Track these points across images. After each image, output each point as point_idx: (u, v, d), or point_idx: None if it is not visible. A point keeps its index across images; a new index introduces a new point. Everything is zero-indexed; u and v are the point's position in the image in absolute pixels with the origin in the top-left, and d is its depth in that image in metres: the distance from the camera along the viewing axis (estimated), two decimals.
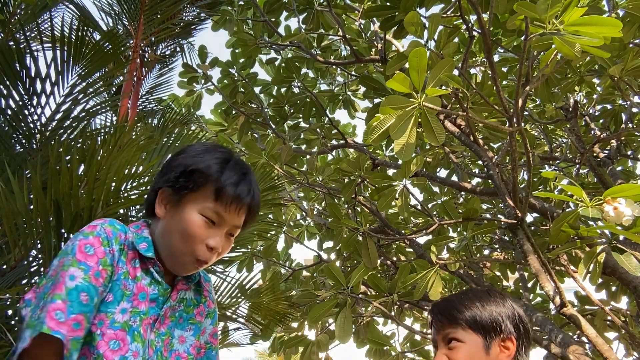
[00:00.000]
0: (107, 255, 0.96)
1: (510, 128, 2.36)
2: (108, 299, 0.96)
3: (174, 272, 1.07)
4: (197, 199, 1.03)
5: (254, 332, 4.11)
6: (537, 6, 1.92)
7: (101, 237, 0.97)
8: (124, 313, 0.97)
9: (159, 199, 1.07)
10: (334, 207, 3.59)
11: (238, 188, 1.04)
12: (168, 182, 1.06)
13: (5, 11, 2.79)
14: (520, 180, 4.89)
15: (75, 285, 0.91)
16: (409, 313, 5.41)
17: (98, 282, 0.94)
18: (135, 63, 3.35)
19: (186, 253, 1.02)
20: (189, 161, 1.06)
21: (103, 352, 0.93)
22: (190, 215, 1.02)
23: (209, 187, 1.03)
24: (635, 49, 3.20)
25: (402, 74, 1.97)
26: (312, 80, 5.50)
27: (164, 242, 1.05)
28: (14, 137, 2.60)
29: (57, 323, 0.86)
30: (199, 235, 1.02)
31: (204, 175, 1.03)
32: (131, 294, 0.99)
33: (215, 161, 1.05)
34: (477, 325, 1.16)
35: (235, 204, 1.04)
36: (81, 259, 0.93)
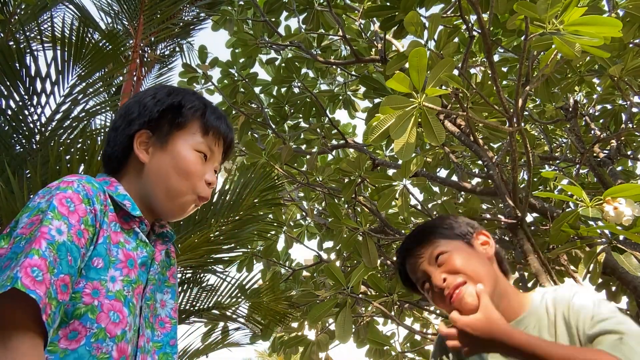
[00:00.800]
0: (89, 215, 0.84)
1: (510, 128, 2.36)
2: (98, 265, 0.84)
3: (171, 216, 1.01)
4: (185, 135, 1.00)
5: (254, 332, 4.11)
6: (537, 6, 1.92)
7: (81, 194, 0.84)
8: (114, 282, 0.85)
9: (137, 144, 0.99)
10: (334, 207, 3.59)
11: (222, 124, 1.04)
12: (149, 123, 0.99)
13: (5, 11, 2.79)
14: (520, 180, 4.89)
15: (63, 241, 0.78)
16: (409, 313, 5.41)
17: (80, 242, 0.81)
18: (135, 63, 3.35)
19: (187, 192, 0.98)
20: (171, 99, 1.02)
21: (105, 326, 0.81)
22: (185, 151, 0.98)
23: (196, 123, 1.01)
24: (635, 49, 3.20)
25: (402, 74, 1.97)
26: (312, 80, 5.50)
27: (158, 187, 0.97)
28: (14, 137, 2.60)
29: (32, 281, 0.71)
30: (198, 171, 0.99)
31: (192, 109, 1.01)
32: (117, 261, 0.87)
33: (196, 98, 1.04)
34: (452, 234, 1.18)
35: (222, 139, 1.04)
36: (64, 212, 0.80)
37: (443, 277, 1.11)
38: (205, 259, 2.91)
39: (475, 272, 1.11)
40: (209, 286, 3.29)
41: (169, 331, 0.98)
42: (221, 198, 2.97)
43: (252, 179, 3.04)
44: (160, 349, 0.95)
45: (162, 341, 0.96)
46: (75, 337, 0.79)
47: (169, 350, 0.96)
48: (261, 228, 3.35)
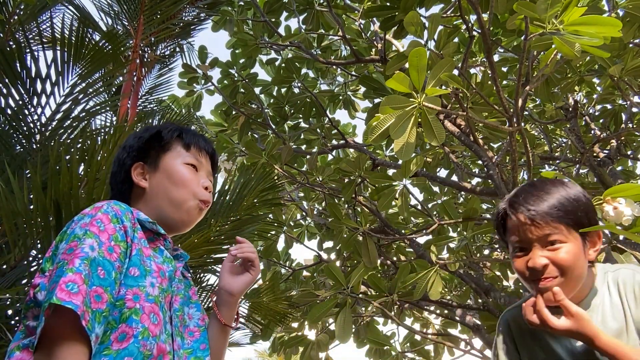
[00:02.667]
0: (118, 232, 0.94)
1: (510, 128, 2.36)
2: (135, 274, 0.94)
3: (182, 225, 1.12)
4: (171, 155, 1.14)
5: (254, 332, 4.12)
6: (537, 6, 1.92)
7: (109, 215, 0.95)
8: (153, 287, 0.95)
9: (135, 175, 1.13)
10: (334, 207, 3.59)
11: (199, 139, 1.18)
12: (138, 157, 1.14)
13: (5, 11, 2.79)
14: (520, 180, 4.88)
15: (94, 257, 0.88)
16: (409, 313, 5.41)
17: (112, 257, 0.91)
18: (135, 63, 3.35)
19: (189, 197, 1.10)
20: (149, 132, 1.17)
21: (148, 326, 0.91)
22: (176, 167, 1.12)
23: (177, 143, 1.16)
24: (635, 48, 3.20)
25: (402, 74, 1.97)
26: (312, 80, 5.50)
27: (163, 202, 1.10)
28: (14, 137, 2.60)
29: (68, 294, 0.82)
30: (192, 179, 1.12)
31: (170, 132, 1.16)
32: (152, 271, 0.98)
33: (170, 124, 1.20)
34: (577, 226, 1.11)
35: (204, 150, 1.18)
36: (95, 231, 0.91)
37: (545, 262, 1.09)
38: (205, 259, 2.91)
39: (573, 276, 1.09)
40: (209, 286, 3.29)
41: (198, 338, 1.08)
42: (221, 198, 2.97)
43: (252, 179, 3.04)
44: (192, 354, 1.05)
45: (193, 347, 1.06)
46: (125, 338, 0.88)
47: (200, 354, 1.06)
48: (261, 228, 3.35)
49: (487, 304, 3.72)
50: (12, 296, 2.03)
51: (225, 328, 1.17)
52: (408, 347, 4.72)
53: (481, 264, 4.83)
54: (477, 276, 4.22)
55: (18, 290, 2.10)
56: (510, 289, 5.06)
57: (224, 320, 1.16)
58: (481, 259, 4.55)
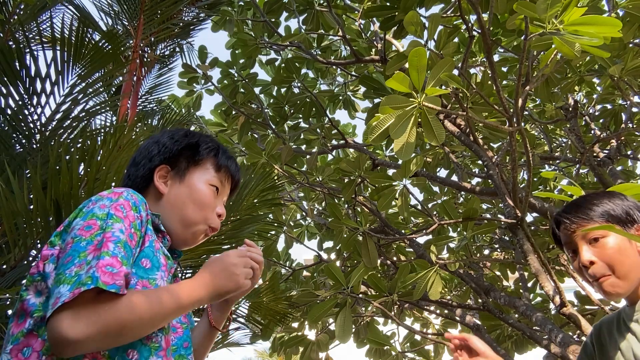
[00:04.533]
0: (137, 220, 0.95)
1: (510, 128, 2.36)
2: (146, 265, 0.95)
3: (183, 243, 1.11)
4: (200, 171, 1.12)
5: (254, 332, 4.11)
6: (537, 6, 1.92)
7: (130, 202, 0.96)
8: (163, 280, 0.96)
9: (157, 177, 1.10)
10: (334, 207, 3.59)
11: (232, 163, 1.18)
12: (168, 159, 1.12)
13: (5, 11, 2.79)
14: (520, 180, 4.89)
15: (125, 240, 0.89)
16: (409, 313, 5.41)
17: (132, 243, 0.91)
18: (134, 63, 3.35)
19: (200, 221, 1.09)
20: (188, 139, 1.14)
21: None
22: (201, 185, 1.10)
23: (210, 160, 1.14)
24: (635, 48, 3.20)
25: (402, 74, 1.97)
26: (312, 80, 5.50)
27: (174, 216, 1.08)
28: (14, 137, 2.60)
29: (111, 276, 0.83)
30: (212, 204, 1.11)
31: (207, 149, 1.14)
32: (160, 265, 0.98)
33: (210, 139, 1.18)
34: (613, 218, 1.19)
35: (231, 176, 1.17)
36: (120, 216, 0.91)
37: (592, 259, 1.16)
38: (205, 259, 2.91)
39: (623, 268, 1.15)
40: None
41: (181, 335, 1.05)
42: None
43: (252, 179, 3.04)
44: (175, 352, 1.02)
45: (176, 344, 1.03)
46: None
47: (184, 352, 1.03)
48: (261, 228, 3.35)
49: (487, 304, 3.72)
50: (12, 296, 2.03)
51: (213, 330, 1.16)
52: (408, 347, 4.72)
53: (481, 264, 4.83)
54: (477, 276, 4.22)
55: (18, 290, 2.10)
56: (510, 289, 5.07)
57: (214, 323, 1.15)
58: (481, 259, 4.55)
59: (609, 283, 1.14)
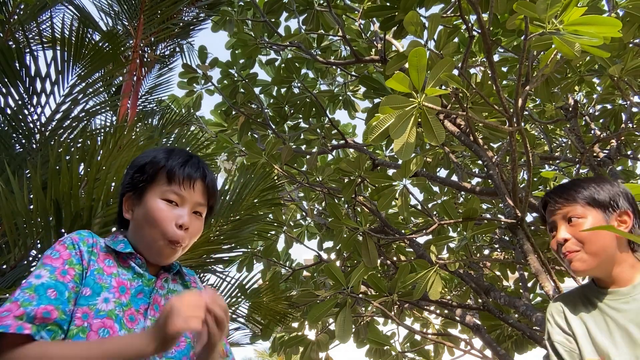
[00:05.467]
0: (74, 257, 1.03)
1: (510, 128, 2.36)
2: (86, 293, 1.01)
3: (155, 262, 1.14)
4: (153, 188, 1.13)
5: (254, 332, 4.11)
6: (537, 6, 1.92)
7: (66, 244, 1.04)
8: (107, 302, 1.02)
9: (124, 207, 1.16)
10: (334, 207, 3.58)
11: (186, 167, 1.14)
12: (127, 186, 1.16)
13: (5, 11, 2.79)
14: (520, 180, 4.89)
15: (41, 282, 0.97)
16: (409, 313, 5.41)
17: (65, 278, 0.99)
18: (135, 63, 3.35)
19: (158, 237, 1.10)
20: (137, 161, 1.18)
21: None
22: (152, 203, 1.11)
23: (161, 174, 1.13)
24: (635, 48, 3.20)
25: (402, 74, 1.97)
26: (312, 80, 5.50)
27: (138, 237, 1.12)
28: (14, 137, 2.60)
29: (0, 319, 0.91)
30: (165, 217, 1.10)
31: (153, 164, 1.14)
32: (110, 287, 1.04)
33: (160, 152, 1.17)
34: (595, 202, 1.24)
35: (188, 181, 1.13)
36: (47, 262, 1.01)
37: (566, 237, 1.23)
38: (205, 259, 2.91)
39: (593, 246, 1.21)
40: (209, 286, 3.29)
41: (183, 349, 1.08)
42: (221, 198, 2.97)
43: (252, 179, 3.04)
44: None
45: (176, 357, 1.07)
46: None
47: None
48: (261, 228, 3.35)
49: (487, 304, 3.72)
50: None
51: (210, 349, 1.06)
52: (408, 347, 4.72)
53: (481, 264, 4.83)
54: (477, 276, 4.22)
55: None
56: (510, 289, 5.06)
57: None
58: (481, 259, 4.55)
59: (577, 257, 1.21)
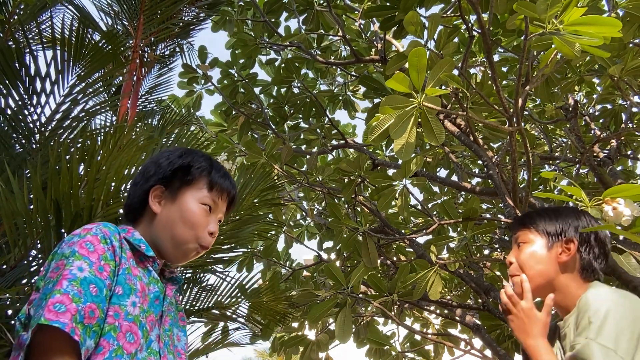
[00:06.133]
0: (107, 252, 1.00)
1: (510, 128, 2.35)
2: (118, 292, 1.00)
3: (174, 261, 1.16)
4: (192, 191, 1.16)
5: (254, 332, 4.11)
6: (537, 6, 1.92)
7: (99, 236, 1.01)
8: (135, 306, 1.01)
9: (151, 197, 1.15)
10: (334, 207, 3.59)
11: (225, 181, 1.20)
12: (162, 180, 1.16)
13: (5, 11, 2.79)
14: (520, 180, 4.89)
15: (84, 276, 0.94)
16: (409, 313, 5.41)
17: (102, 275, 0.97)
18: (134, 63, 3.35)
19: (191, 240, 1.13)
20: (181, 160, 1.18)
21: (122, 345, 0.96)
22: (192, 204, 1.14)
23: (203, 180, 1.17)
24: (635, 48, 3.20)
25: (402, 74, 1.97)
26: (312, 80, 5.50)
27: (165, 234, 1.13)
28: (14, 137, 2.60)
29: (55, 314, 0.88)
30: (202, 222, 1.14)
31: (199, 169, 1.17)
32: (136, 290, 1.03)
33: (203, 159, 1.20)
34: (542, 229, 1.30)
35: (225, 193, 1.20)
36: (84, 253, 0.97)
37: (511, 260, 1.32)
38: (205, 259, 2.91)
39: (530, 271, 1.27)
40: (209, 286, 3.29)
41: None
42: None
43: (252, 179, 3.04)
44: None
45: None
46: (101, 351, 0.94)
47: None
48: (261, 228, 3.35)
49: (487, 304, 3.72)
50: (12, 296, 2.03)
51: None
52: (408, 347, 4.72)
53: (481, 264, 4.83)
54: (477, 276, 4.22)
55: (18, 290, 2.10)
56: None
57: None
58: (481, 259, 4.55)
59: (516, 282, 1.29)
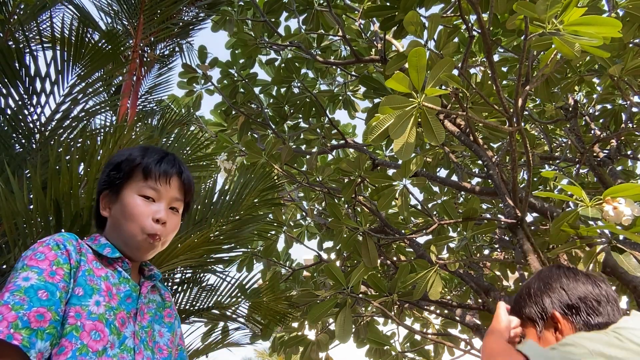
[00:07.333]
0: (60, 257, 1.01)
1: (510, 128, 2.35)
2: (79, 293, 1.01)
3: (135, 258, 1.16)
4: (130, 185, 1.15)
5: (254, 332, 4.11)
6: (537, 6, 1.92)
7: (50, 245, 1.02)
8: (99, 305, 1.02)
9: (102, 205, 1.18)
10: (334, 207, 3.58)
11: (162, 164, 1.17)
12: (103, 184, 1.17)
13: (5, 11, 2.78)
14: (520, 180, 4.89)
15: (30, 284, 0.95)
16: (409, 313, 5.41)
17: (55, 279, 0.98)
18: (134, 63, 3.35)
19: (136, 233, 1.12)
20: (113, 160, 1.19)
21: (87, 343, 0.97)
22: (129, 199, 1.13)
23: (137, 171, 1.15)
24: (635, 48, 3.20)
25: (402, 74, 1.97)
26: (312, 80, 5.50)
27: (116, 235, 1.14)
28: (14, 137, 2.60)
29: None
30: (142, 212, 1.12)
31: (129, 161, 1.16)
32: (100, 290, 1.04)
33: (135, 150, 1.19)
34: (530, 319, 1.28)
35: (164, 176, 1.16)
36: (33, 264, 0.98)
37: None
38: (205, 258, 2.91)
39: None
40: (209, 286, 3.29)
41: (166, 357, 1.14)
42: (221, 198, 2.97)
43: (252, 179, 3.04)
44: None
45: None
46: (63, 352, 0.95)
47: None
48: (261, 228, 3.35)
49: (487, 304, 3.72)
50: None
51: None
52: (408, 347, 4.72)
53: (481, 264, 4.83)
54: (477, 276, 4.22)
55: None
56: (510, 289, 5.06)
57: None
58: (481, 259, 4.55)
59: None
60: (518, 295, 1.34)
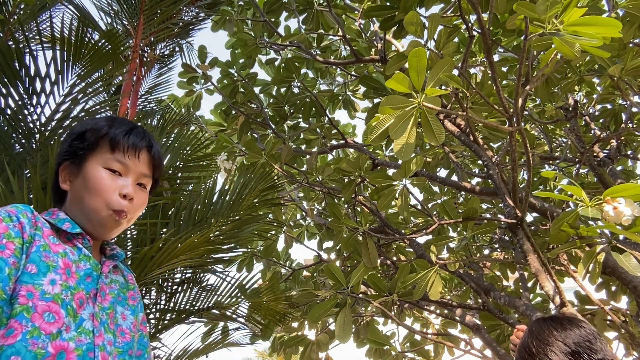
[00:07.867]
0: (12, 230, 0.93)
1: (510, 128, 2.35)
2: (32, 270, 0.93)
3: (98, 236, 1.08)
4: (95, 156, 1.06)
5: (254, 332, 4.11)
6: (537, 6, 1.92)
7: (1, 216, 0.94)
8: (54, 284, 0.94)
9: (61, 177, 1.09)
10: (334, 207, 3.58)
11: (131, 136, 1.08)
12: (64, 155, 1.08)
13: (5, 11, 2.78)
14: (520, 180, 4.89)
15: None
16: (409, 313, 5.41)
17: (4, 253, 0.90)
18: (134, 63, 3.35)
19: (101, 208, 1.04)
20: (76, 129, 1.10)
21: (39, 325, 0.90)
22: (94, 171, 1.05)
23: (103, 141, 1.07)
24: (635, 48, 3.20)
25: (402, 74, 1.97)
26: (311, 80, 5.50)
27: (78, 210, 1.05)
28: (14, 137, 2.60)
29: None
30: (110, 186, 1.04)
31: (94, 131, 1.07)
32: (57, 267, 0.96)
33: (102, 120, 1.10)
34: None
35: (132, 149, 1.08)
36: None
37: None
38: (205, 258, 2.91)
39: None
40: (208, 286, 3.29)
41: (129, 341, 1.07)
42: (221, 198, 2.97)
43: (252, 179, 3.04)
44: (120, 355, 1.04)
45: (122, 349, 1.05)
46: (12, 334, 0.87)
47: (127, 358, 1.06)
48: (261, 228, 3.35)
49: (487, 304, 3.72)
50: None
51: None
52: (408, 347, 4.72)
53: (481, 264, 4.83)
54: (477, 276, 4.22)
55: None
56: (510, 289, 5.06)
57: None
58: (481, 259, 4.55)
59: None
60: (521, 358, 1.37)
